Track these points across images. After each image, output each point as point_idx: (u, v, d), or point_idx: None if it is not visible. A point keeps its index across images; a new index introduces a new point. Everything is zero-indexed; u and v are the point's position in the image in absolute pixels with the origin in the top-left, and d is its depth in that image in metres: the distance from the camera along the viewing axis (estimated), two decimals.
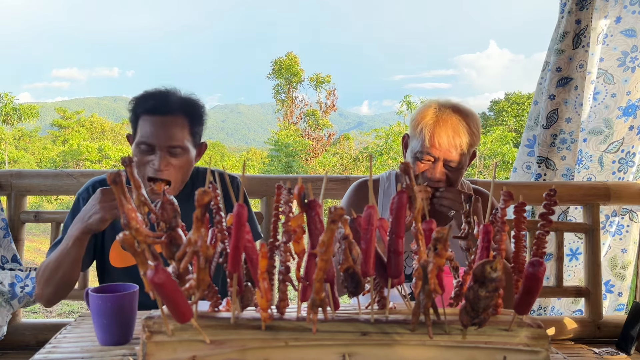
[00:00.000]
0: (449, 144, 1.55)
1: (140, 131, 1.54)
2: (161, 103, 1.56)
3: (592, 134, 2.49)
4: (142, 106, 1.57)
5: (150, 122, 1.54)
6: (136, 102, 1.59)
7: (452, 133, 1.55)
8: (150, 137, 1.52)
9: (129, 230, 0.81)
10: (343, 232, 0.90)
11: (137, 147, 1.54)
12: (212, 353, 0.87)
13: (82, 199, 1.62)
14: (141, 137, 1.53)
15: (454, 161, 1.57)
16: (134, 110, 1.58)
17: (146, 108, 1.55)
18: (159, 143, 1.52)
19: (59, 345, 1.16)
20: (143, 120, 1.55)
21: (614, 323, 2.19)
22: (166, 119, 1.54)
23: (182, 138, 1.55)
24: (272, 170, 25.56)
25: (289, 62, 37.71)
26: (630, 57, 2.40)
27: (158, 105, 1.55)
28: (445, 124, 1.56)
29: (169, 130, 1.53)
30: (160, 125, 1.53)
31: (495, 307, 0.94)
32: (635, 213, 2.46)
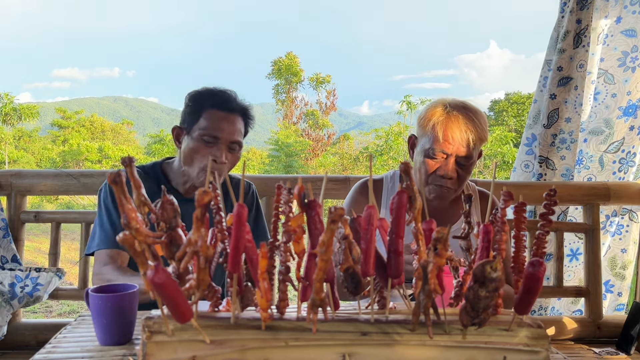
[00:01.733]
0: (462, 139, 1.55)
1: (206, 123, 1.63)
2: (229, 100, 1.67)
3: (593, 134, 2.49)
4: (209, 100, 1.65)
5: (217, 117, 1.64)
6: (202, 96, 1.68)
7: (465, 128, 1.56)
8: (217, 130, 1.62)
9: (129, 230, 0.81)
10: (343, 232, 0.90)
11: (199, 138, 1.62)
12: (212, 353, 0.87)
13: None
14: (207, 130, 1.62)
15: (465, 157, 1.58)
16: (199, 103, 1.66)
17: (215, 103, 1.65)
18: (224, 136, 1.63)
19: (59, 345, 1.16)
20: (209, 113, 1.64)
21: (614, 323, 2.19)
22: (231, 116, 1.66)
23: (240, 136, 1.69)
24: (272, 170, 25.56)
25: (289, 62, 37.72)
26: (631, 57, 2.40)
27: (227, 102, 1.66)
28: (457, 119, 1.57)
29: (233, 126, 1.65)
30: (226, 120, 1.64)
31: (495, 307, 0.94)
32: (635, 213, 2.45)
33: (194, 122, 1.65)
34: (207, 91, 1.69)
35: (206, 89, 1.70)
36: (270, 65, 38.74)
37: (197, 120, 1.64)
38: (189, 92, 1.71)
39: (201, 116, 1.64)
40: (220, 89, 1.70)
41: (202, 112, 1.64)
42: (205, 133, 1.62)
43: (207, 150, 1.62)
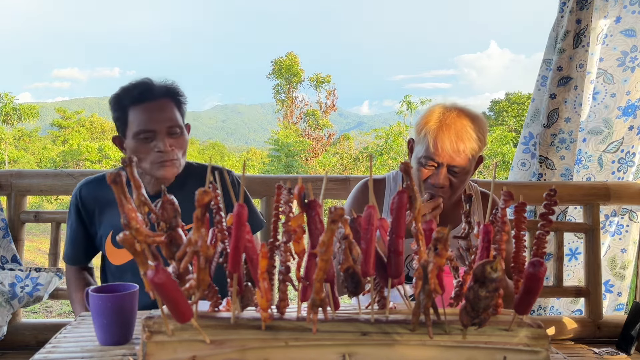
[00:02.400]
0: (452, 149, 1.52)
1: (135, 122, 1.56)
2: (148, 89, 1.59)
3: (592, 133, 2.49)
4: (128, 98, 1.58)
5: (143, 110, 1.57)
6: (120, 96, 1.61)
7: (455, 138, 1.52)
8: (148, 123, 1.55)
9: (129, 230, 0.81)
10: (343, 232, 0.90)
11: (136, 138, 1.56)
12: (212, 353, 0.87)
13: (73, 202, 1.71)
14: (139, 127, 1.55)
15: (458, 166, 1.54)
16: (121, 104, 1.60)
17: (134, 98, 1.57)
18: (159, 126, 1.56)
19: (59, 345, 1.16)
20: (134, 111, 1.57)
21: (614, 323, 2.19)
22: (157, 103, 1.58)
23: (176, 118, 1.61)
24: (272, 170, 25.57)
25: (289, 62, 37.73)
26: (630, 57, 2.40)
27: (146, 92, 1.58)
28: (449, 128, 1.53)
29: (164, 113, 1.58)
30: (154, 110, 1.57)
31: (495, 307, 0.94)
32: (635, 213, 2.46)
33: (124, 125, 1.59)
34: (124, 90, 1.61)
35: (122, 88, 1.62)
36: (271, 65, 38.77)
37: (127, 122, 1.58)
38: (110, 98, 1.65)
39: (128, 117, 1.58)
40: (135, 82, 1.62)
41: (127, 112, 1.58)
42: (138, 131, 1.56)
43: (149, 147, 1.56)
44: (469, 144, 1.53)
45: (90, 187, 1.69)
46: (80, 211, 1.68)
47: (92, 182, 1.71)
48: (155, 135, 1.56)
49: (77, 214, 1.69)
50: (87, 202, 1.68)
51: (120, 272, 1.65)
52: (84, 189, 1.69)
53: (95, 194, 1.68)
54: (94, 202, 1.67)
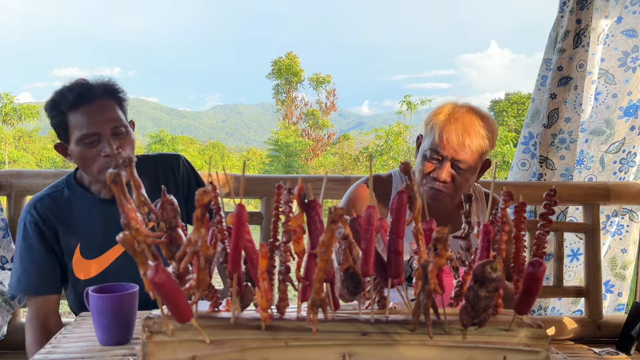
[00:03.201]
0: (458, 143, 1.51)
1: (77, 126, 1.47)
2: (85, 91, 1.49)
3: (594, 134, 2.49)
4: (66, 102, 1.48)
5: (83, 113, 1.47)
6: (57, 102, 1.50)
7: (462, 131, 1.51)
8: (91, 127, 1.46)
9: (129, 230, 0.81)
10: (343, 232, 0.90)
11: (80, 144, 1.48)
12: (212, 353, 0.87)
13: (29, 223, 1.55)
14: (81, 131, 1.47)
15: (462, 162, 1.52)
16: (58, 109, 1.50)
17: (72, 102, 1.48)
18: (102, 129, 1.47)
19: (59, 345, 1.16)
20: (74, 115, 1.48)
21: (614, 323, 2.19)
22: (97, 104, 1.49)
23: (120, 117, 1.53)
24: (272, 170, 25.57)
25: (289, 62, 37.72)
26: (631, 57, 2.40)
27: (83, 95, 1.49)
28: (457, 121, 1.52)
29: (105, 114, 1.49)
30: (94, 111, 1.48)
31: (495, 307, 0.94)
32: (636, 213, 2.46)
33: (65, 131, 1.50)
34: (59, 94, 1.51)
35: (57, 92, 1.52)
36: (270, 65, 38.76)
37: (68, 128, 1.49)
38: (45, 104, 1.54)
39: (68, 122, 1.48)
40: (70, 84, 1.52)
41: (66, 117, 1.48)
42: (82, 136, 1.46)
43: (94, 151, 1.47)
44: (476, 140, 1.52)
45: (45, 204, 1.56)
46: (43, 230, 1.54)
47: (44, 198, 1.58)
48: (100, 138, 1.47)
49: (39, 234, 1.54)
50: (47, 219, 1.55)
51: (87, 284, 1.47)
52: (38, 207, 1.55)
53: (53, 209, 1.56)
54: (55, 217, 1.55)
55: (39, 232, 1.54)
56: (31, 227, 1.54)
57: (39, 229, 1.54)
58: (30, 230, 1.54)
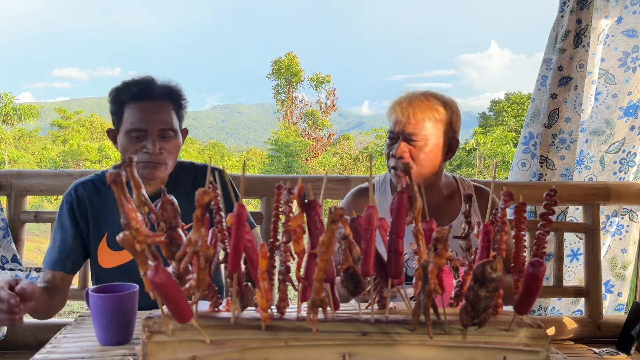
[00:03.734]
0: (405, 118, 1.58)
1: (130, 119, 1.54)
2: (147, 88, 1.56)
3: (594, 134, 2.49)
4: (127, 93, 1.55)
5: (138, 108, 1.54)
6: (120, 91, 1.58)
7: (407, 105, 1.58)
8: (141, 123, 1.53)
9: (129, 230, 0.81)
10: (343, 232, 0.90)
11: (127, 136, 1.54)
12: (212, 353, 0.87)
13: (66, 202, 1.62)
14: (132, 125, 1.53)
15: (413, 134, 1.57)
16: (118, 98, 1.57)
17: (132, 95, 1.55)
18: (151, 127, 1.53)
19: (59, 345, 1.16)
20: (130, 107, 1.54)
21: (614, 323, 2.19)
22: (154, 103, 1.56)
23: (171, 121, 1.58)
24: (272, 170, 25.57)
25: (289, 62, 37.70)
26: (632, 58, 2.40)
27: (145, 91, 1.55)
28: (404, 100, 1.61)
29: (159, 115, 1.55)
30: (150, 110, 1.54)
31: (495, 307, 0.94)
32: (636, 213, 2.45)
33: (119, 120, 1.57)
34: (125, 85, 1.58)
35: (123, 83, 1.59)
36: (270, 65, 38.74)
37: (122, 117, 1.56)
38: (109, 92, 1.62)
39: (124, 112, 1.55)
40: (137, 78, 1.60)
41: (124, 107, 1.55)
42: (131, 129, 1.53)
43: (138, 146, 1.53)
44: (422, 111, 1.58)
45: (86, 188, 1.64)
46: (75, 212, 1.61)
47: (87, 183, 1.65)
48: (146, 135, 1.53)
49: (72, 214, 1.62)
50: (82, 203, 1.62)
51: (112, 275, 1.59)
52: (79, 190, 1.63)
53: (91, 194, 1.63)
54: (90, 202, 1.62)
55: (72, 213, 1.62)
56: (67, 206, 1.62)
57: (73, 210, 1.61)
58: (65, 210, 1.62)
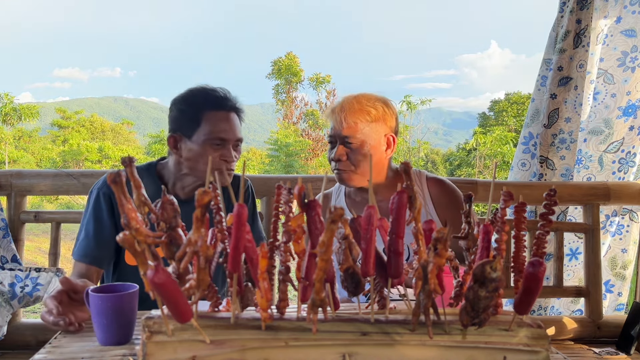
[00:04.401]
0: (338, 122, 1.67)
1: (210, 127, 1.59)
2: (226, 99, 1.64)
3: (592, 134, 2.49)
4: (208, 103, 1.61)
5: (219, 118, 1.60)
6: (198, 99, 1.62)
7: (339, 110, 1.67)
8: (222, 132, 1.59)
9: (129, 230, 0.81)
10: (343, 232, 0.90)
11: (207, 142, 1.58)
12: (212, 353, 0.87)
13: (103, 194, 1.61)
14: (213, 133, 1.58)
15: (349, 137, 1.65)
16: (196, 106, 1.61)
17: (213, 104, 1.61)
18: (231, 137, 1.61)
19: (59, 345, 1.16)
20: (210, 116, 1.59)
21: (614, 323, 2.19)
22: (230, 115, 1.64)
23: (241, 132, 1.68)
24: (272, 170, 25.57)
25: (289, 62, 37.69)
26: (630, 57, 2.40)
27: (224, 101, 1.63)
28: (337, 106, 1.70)
29: (234, 125, 1.64)
30: (227, 120, 1.62)
31: (495, 307, 0.94)
32: (635, 213, 2.46)
33: (194, 127, 1.60)
34: (202, 93, 1.64)
35: (200, 91, 1.65)
36: (270, 65, 38.72)
37: (198, 125, 1.59)
38: (179, 96, 1.66)
39: (202, 120, 1.59)
40: (212, 88, 1.66)
41: (201, 115, 1.59)
42: (212, 137, 1.58)
43: (215, 153, 1.59)
44: (353, 115, 1.65)
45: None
46: (113, 203, 1.59)
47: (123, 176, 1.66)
48: (225, 144, 1.60)
49: (110, 205, 1.60)
50: None
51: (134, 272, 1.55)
52: None
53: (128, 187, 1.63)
54: None
55: (109, 205, 1.60)
56: (105, 198, 1.61)
57: (111, 202, 1.60)
58: (103, 202, 1.61)
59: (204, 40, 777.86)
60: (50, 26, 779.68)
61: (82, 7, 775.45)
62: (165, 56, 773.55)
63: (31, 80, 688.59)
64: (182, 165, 1.64)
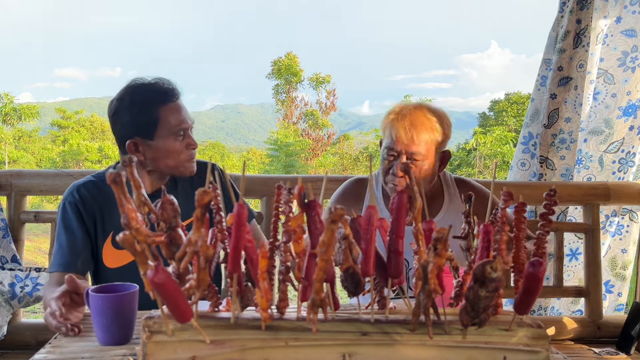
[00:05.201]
0: (407, 138, 1.63)
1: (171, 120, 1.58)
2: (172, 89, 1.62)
3: (593, 134, 2.49)
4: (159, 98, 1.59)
5: (175, 109, 1.59)
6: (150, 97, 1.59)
7: (409, 126, 1.63)
8: (182, 123, 1.60)
9: (129, 230, 0.81)
10: (343, 232, 0.90)
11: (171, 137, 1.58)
12: (212, 353, 0.87)
13: (69, 203, 1.61)
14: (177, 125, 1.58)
15: (415, 153, 1.64)
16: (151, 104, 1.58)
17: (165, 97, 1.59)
18: (189, 124, 1.62)
19: (59, 345, 1.16)
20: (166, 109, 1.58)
21: (614, 323, 2.19)
22: (180, 102, 1.63)
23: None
24: (272, 170, 25.57)
25: (289, 62, 37.69)
26: (631, 57, 2.40)
27: (172, 92, 1.61)
28: (404, 118, 1.65)
29: (186, 112, 1.63)
30: (182, 108, 1.62)
31: (495, 307, 0.94)
32: (635, 213, 2.45)
33: (153, 127, 1.57)
34: (148, 91, 1.60)
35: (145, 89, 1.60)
36: (270, 65, 38.72)
37: (157, 123, 1.57)
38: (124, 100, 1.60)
39: (159, 118, 1.57)
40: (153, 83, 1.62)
41: (157, 114, 1.57)
42: (175, 131, 1.58)
43: (181, 143, 1.60)
44: (424, 133, 1.64)
45: (88, 188, 1.63)
46: (82, 213, 1.61)
47: (87, 184, 1.65)
48: (185, 133, 1.61)
49: (78, 215, 1.61)
50: (88, 203, 1.62)
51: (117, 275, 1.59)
52: (82, 191, 1.63)
53: (95, 194, 1.63)
54: (94, 202, 1.62)
55: (77, 214, 1.60)
56: (71, 207, 1.61)
57: (79, 210, 1.60)
58: (70, 211, 1.61)
59: (204, 40, 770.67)
60: (50, 26, 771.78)
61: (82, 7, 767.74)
62: (165, 56, 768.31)
63: (31, 80, 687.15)
64: (144, 164, 1.63)
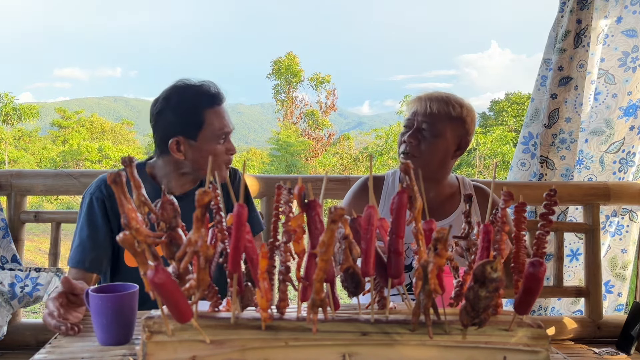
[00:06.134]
0: (421, 107, 1.67)
1: (216, 123, 1.58)
2: (219, 92, 1.62)
3: (593, 134, 2.49)
4: (207, 99, 1.59)
5: (220, 113, 1.60)
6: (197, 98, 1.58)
7: (427, 97, 1.68)
8: (226, 126, 1.61)
9: (129, 230, 0.81)
10: (343, 232, 0.90)
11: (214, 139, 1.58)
12: (212, 353, 0.87)
13: (96, 198, 1.58)
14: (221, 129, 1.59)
15: (428, 123, 1.65)
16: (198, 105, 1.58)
17: (212, 100, 1.60)
18: (231, 129, 1.64)
19: (59, 345, 1.16)
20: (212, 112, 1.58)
21: (614, 323, 2.19)
22: (224, 106, 1.65)
23: None
24: (272, 170, 25.57)
25: (289, 62, 37.67)
26: (631, 57, 2.40)
27: (219, 95, 1.62)
28: (427, 94, 1.71)
29: (229, 117, 1.65)
30: (226, 112, 1.64)
31: (495, 307, 0.94)
32: (635, 213, 2.45)
33: (197, 128, 1.57)
34: (196, 93, 1.59)
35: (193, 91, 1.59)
36: (270, 65, 38.69)
37: (202, 125, 1.57)
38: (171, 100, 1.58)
39: (204, 120, 1.57)
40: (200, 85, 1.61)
41: (203, 115, 1.57)
42: (219, 134, 1.58)
43: (223, 147, 1.61)
44: (439, 104, 1.66)
45: None
46: (107, 208, 1.57)
47: None
48: (227, 137, 1.62)
49: (103, 209, 1.57)
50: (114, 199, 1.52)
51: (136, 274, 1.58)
52: (104, 188, 1.59)
53: None
54: None
55: (104, 210, 1.58)
56: (98, 203, 1.58)
57: (105, 207, 1.58)
58: (96, 206, 1.58)
59: (205, 40, 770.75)
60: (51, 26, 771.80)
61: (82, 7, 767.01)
62: (166, 56, 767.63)
63: (31, 80, 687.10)
64: (182, 165, 1.61)
